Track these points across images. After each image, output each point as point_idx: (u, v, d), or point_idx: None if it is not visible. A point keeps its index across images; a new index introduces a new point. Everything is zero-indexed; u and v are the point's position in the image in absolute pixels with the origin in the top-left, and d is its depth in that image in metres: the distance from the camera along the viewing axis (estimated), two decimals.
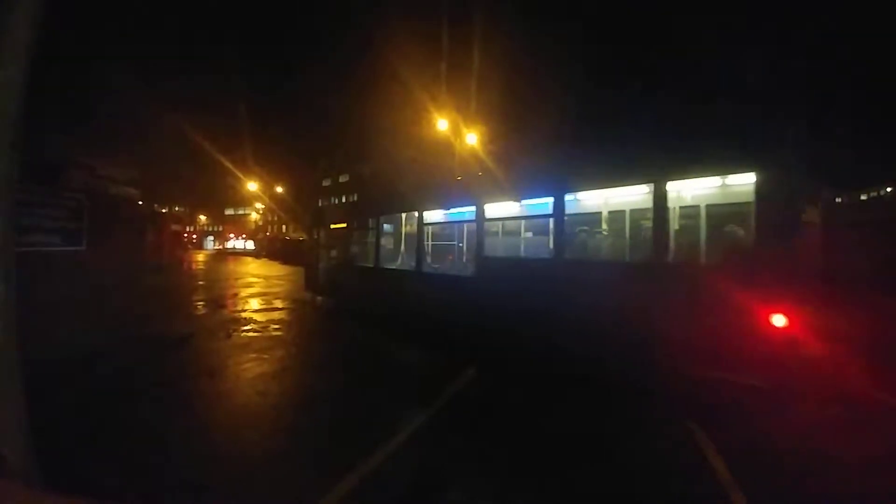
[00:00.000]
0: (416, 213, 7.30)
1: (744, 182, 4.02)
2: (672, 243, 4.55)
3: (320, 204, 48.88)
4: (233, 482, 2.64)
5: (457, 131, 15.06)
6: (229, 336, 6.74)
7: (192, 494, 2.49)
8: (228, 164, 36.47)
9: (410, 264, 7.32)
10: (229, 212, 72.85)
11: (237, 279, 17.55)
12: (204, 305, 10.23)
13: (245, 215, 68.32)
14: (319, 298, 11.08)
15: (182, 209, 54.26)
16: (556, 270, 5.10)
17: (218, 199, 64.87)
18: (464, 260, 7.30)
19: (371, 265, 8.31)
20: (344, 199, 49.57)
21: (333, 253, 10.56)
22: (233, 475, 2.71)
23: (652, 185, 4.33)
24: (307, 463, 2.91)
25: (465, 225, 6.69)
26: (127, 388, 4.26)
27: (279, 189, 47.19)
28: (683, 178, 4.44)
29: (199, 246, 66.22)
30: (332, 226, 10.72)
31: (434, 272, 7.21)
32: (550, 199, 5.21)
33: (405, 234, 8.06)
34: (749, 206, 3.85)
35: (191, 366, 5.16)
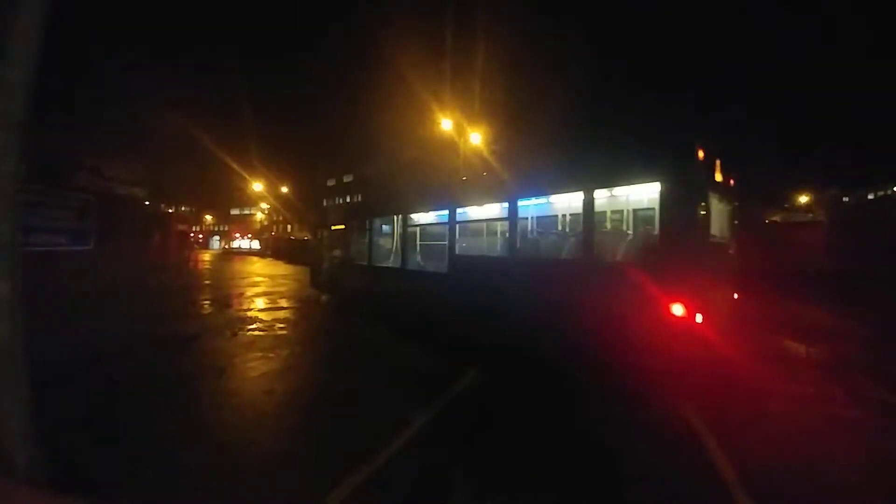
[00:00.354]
0: (402, 216, 8.03)
1: (654, 190, 4.46)
2: (598, 242, 5.08)
3: (325, 204, 49.36)
4: (238, 481, 2.64)
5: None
6: (235, 335, 6.78)
7: (195, 494, 2.50)
8: (234, 165, 36.66)
9: (397, 263, 7.88)
10: (235, 212, 73.21)
11: (243, 278, 17.65)
12: (210, 304, 10.31)
13: (250, 215, 68.68)
14: (323, 297, 11.35)
15: (188, 209, 54.61)
16: (510, 267, 5.74)
17: (223, 199, 65.16)
18: (445, 258, 7.76)
19: (366, 264, 9.01)
20: (348, 199, 49.79)
21: (336, 252, 11.00)
22: (238, 474, 2.72)
23: (583, 193, 4.90)
24: (312, 461, 2.91)
25: (443, 227, 7.06)
26: (134, 388, 4.29)
27: (284, 189, 47.35)
28: (608, 187, 5.02)
29: (206, 246, 66.62)
30: (334, 227, 11.35)
31: (418, 269, 7.73)
32: (506, 205, 5.82)
33: (396, 235, 8.44)
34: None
35: (198, 365, 5.18)
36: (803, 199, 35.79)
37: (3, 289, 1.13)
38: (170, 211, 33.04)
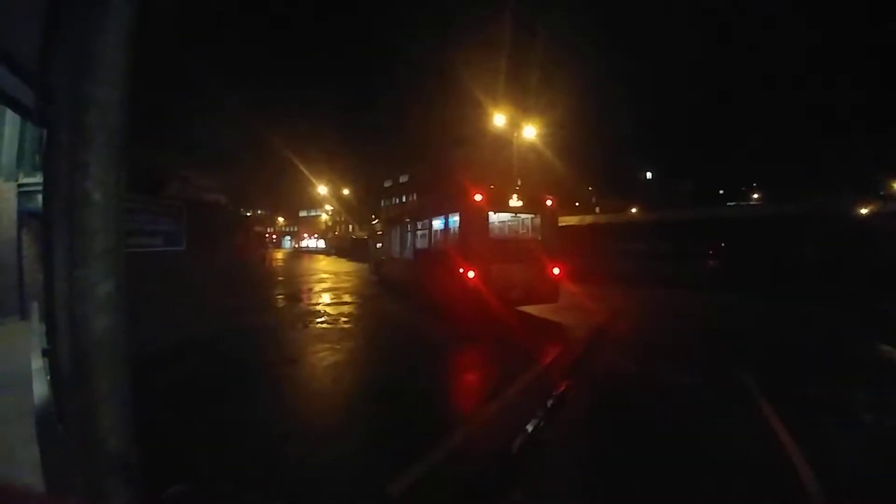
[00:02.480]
0: (400, 224, 12.66)
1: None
2: (448, 240, 8.79)
3: (382, 204, 51.87)
4: (307, 463, 2.79)
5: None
6: (306, 327, 7.30)
7: (268, 468, 2.68)
8: (303, 169, 39.28)
9: (399, 254, 12.49)
10: (303, 213, 78.54)
11: (311, 275, 18.88)
12: (284, 299, 11.19)
13: (317, 216, 73.25)
14: (374, 279, 15.56)
15: (264, 212, 59.41)
16: (429, 253, 9.70)
17: (293, 202, 70.09)
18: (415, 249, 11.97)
19: (386, 256, 14.33)
20: (404, 199, 51.22)
21: (379, 249, 15.80)
22: (307, 456, 2.87)
23: (444, 217, 8.92)
24: (374, 450, 3.00)
25: (411, 231, 11.42)
26: (221, 374, 4.77)
27: (346, 191, 49.91)
28: (451, 214, 8.61)
29: (279, 245, 72.16)
30: (378, 231, 16.74)
31: (405, 257, 11.77)
32: (427, 220, 9.93)
33: (401, 236, 12.49)
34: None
35: (274, 354, 5.61)
36: None
37: (109, 286, 1.25)
38: (248, 214, 36.18)
